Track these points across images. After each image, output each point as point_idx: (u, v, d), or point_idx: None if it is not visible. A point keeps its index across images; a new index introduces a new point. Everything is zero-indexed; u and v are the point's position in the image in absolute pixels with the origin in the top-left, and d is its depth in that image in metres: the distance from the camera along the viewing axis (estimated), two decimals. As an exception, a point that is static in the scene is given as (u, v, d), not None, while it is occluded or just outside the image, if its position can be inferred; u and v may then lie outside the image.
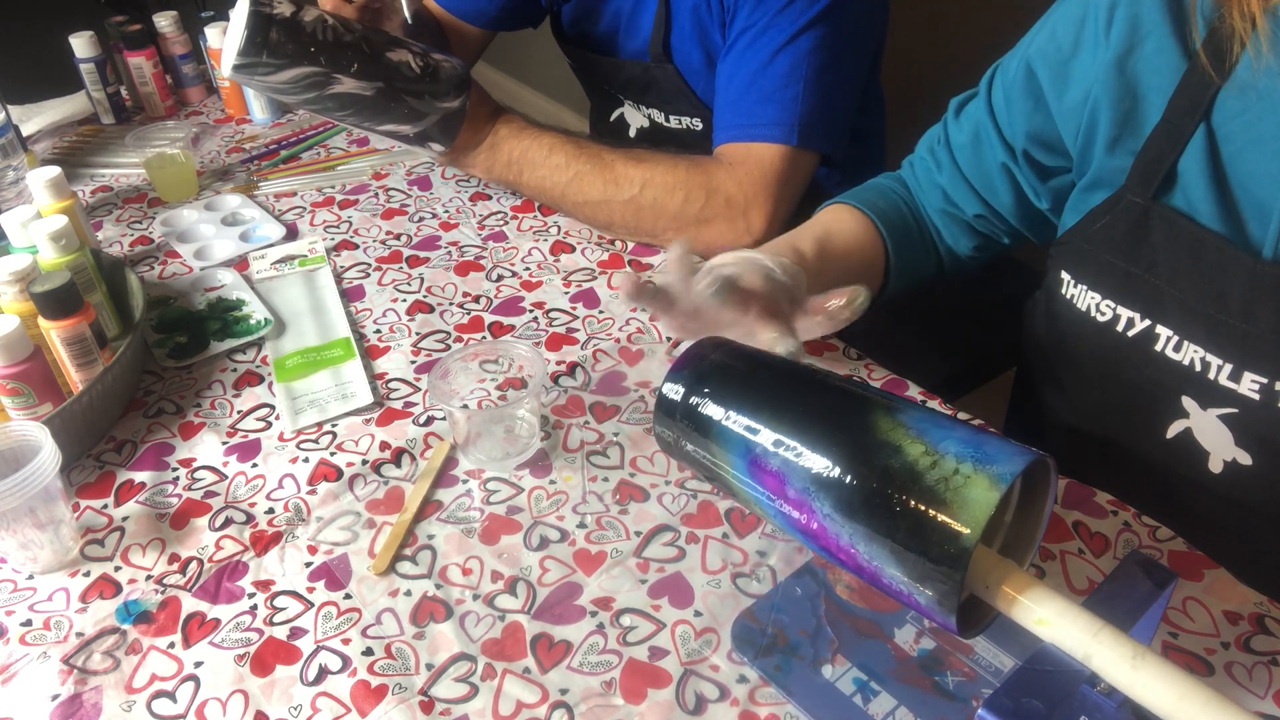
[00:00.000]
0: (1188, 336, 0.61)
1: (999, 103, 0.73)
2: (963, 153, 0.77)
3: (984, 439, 0.45)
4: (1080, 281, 0.67)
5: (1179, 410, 0.64)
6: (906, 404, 0.49)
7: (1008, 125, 0.72)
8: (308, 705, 0.55)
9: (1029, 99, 0.69)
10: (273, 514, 0.68)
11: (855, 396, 0.50)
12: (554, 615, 0.60)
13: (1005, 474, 0.42)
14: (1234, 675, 0.54)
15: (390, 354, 0.84)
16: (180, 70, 1.32)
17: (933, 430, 0.45)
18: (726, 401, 0.53)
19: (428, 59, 0.92)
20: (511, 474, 0.70)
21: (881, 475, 0.45)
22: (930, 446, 0.44)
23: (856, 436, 0.47)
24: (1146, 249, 0.62)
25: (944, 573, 0.42)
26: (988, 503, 0.41)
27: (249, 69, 0.86)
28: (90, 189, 1.14)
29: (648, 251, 0.96)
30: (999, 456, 0.43)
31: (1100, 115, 0.64)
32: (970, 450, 0.43)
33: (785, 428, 0.49)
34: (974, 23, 1.62)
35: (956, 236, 0.81)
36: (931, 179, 0.80)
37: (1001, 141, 0.73)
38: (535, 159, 0.97)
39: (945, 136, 0.79)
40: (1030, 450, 0.44)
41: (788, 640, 0.57)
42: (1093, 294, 0.66)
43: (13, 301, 0.75)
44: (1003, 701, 0.39)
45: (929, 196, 0.81)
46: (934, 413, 0.48)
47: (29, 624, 0.61)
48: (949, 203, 0.79)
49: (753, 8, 0.91)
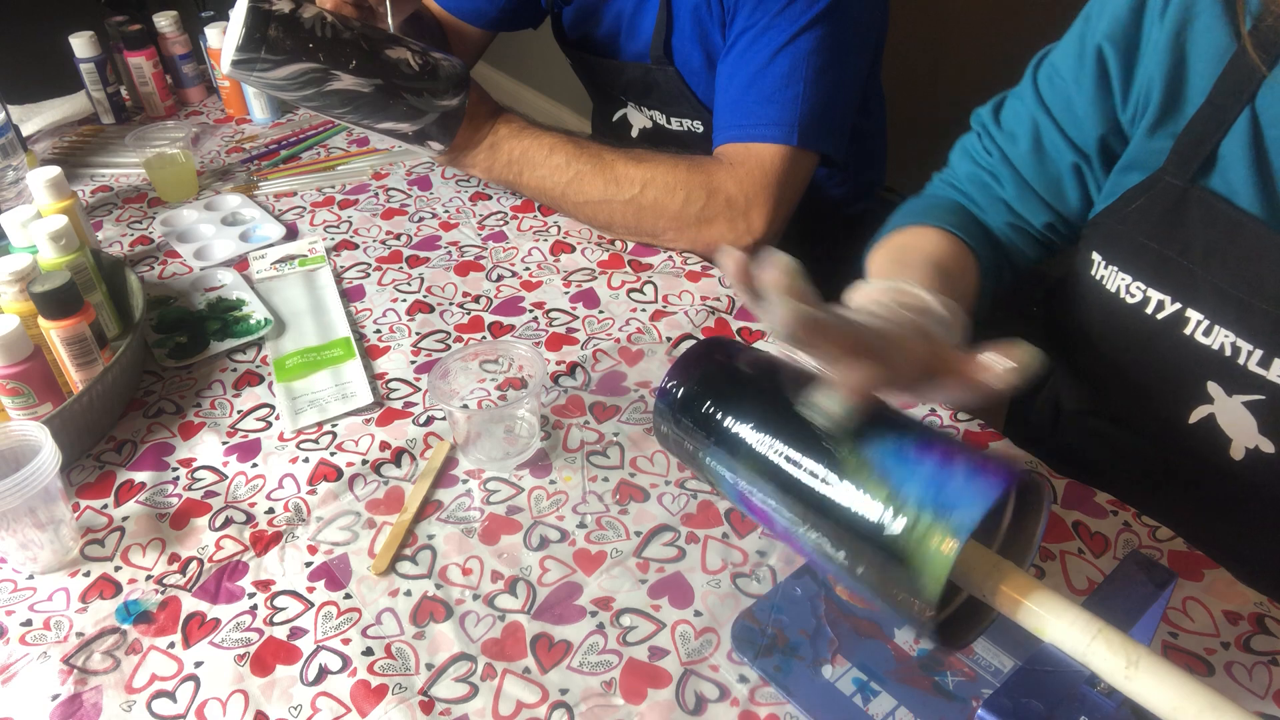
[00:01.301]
0: (1219, 321, 0.61)
1: (1057, 103, 0.69)
2: (1025, 162, 0.72)
3: (949, 475, 0.42)
4: (1111, 263, 0.66)
5: (1203, 396, 0.64)
6: (883, 425, 0.46)
7: (1073, 124, 0.68)
8: (308, 705, 0.55)
9: (1099, 89, 0.66)
10: (273, 514, 0.68)
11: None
12: (554, 615, 0.60)
13: (963, 525, 0.41)
14: (1234, 675, 0.54)
15: (390, 354, 0.84)
16: (180, 70, 1.32)
17: (897, 469, 0.44)
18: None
19: (427, 57, 0.92)
20: (511, 474, 0.70)
21: (849, 521, 0.44)
22: (893, 491, 0.43)
23: (829, 476, 0.46)
24: (1181, 231, 0.61)
25: (915, 618, 0.43)
26: (944, 562, 0.41)
27: (248, 65, 0.86)
28: (90, 189, 1.14)
29: (648, 251, 0.96)
30: (960, 500, 0.41)
31: (1153, 96, 0.62)
32: (931, 494, 0.42)
33: (769, 449, 0.48)
34: (974, 22, 1.62)
35: (1022, 251, 0.76)
36: (992, 194, 0.75)
37: (1068, 143, 0.69)
38: (535, 159, 0.97)
39: (999, 149, 0.74)
40: (1000, 479, 0.42)
41: (787, 640, 0.57)
42: (1123, 275, 0.65)
43: (13, 301, 0.75)
44: (1002, 702, 0.39)
45: (993, 213, 0.76)
46: (904, 438, 0.45)
47: (29, 624, 0.61)
48: (1016, 216, 0.75)
49: (753, 8, 0.91)
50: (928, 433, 0.46)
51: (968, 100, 0.82)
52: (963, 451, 0.43)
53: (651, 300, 0.89)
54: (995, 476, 0.42)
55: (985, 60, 1.64)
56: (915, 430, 0.46)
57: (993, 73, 1.63)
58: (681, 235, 0.93)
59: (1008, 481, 0.41)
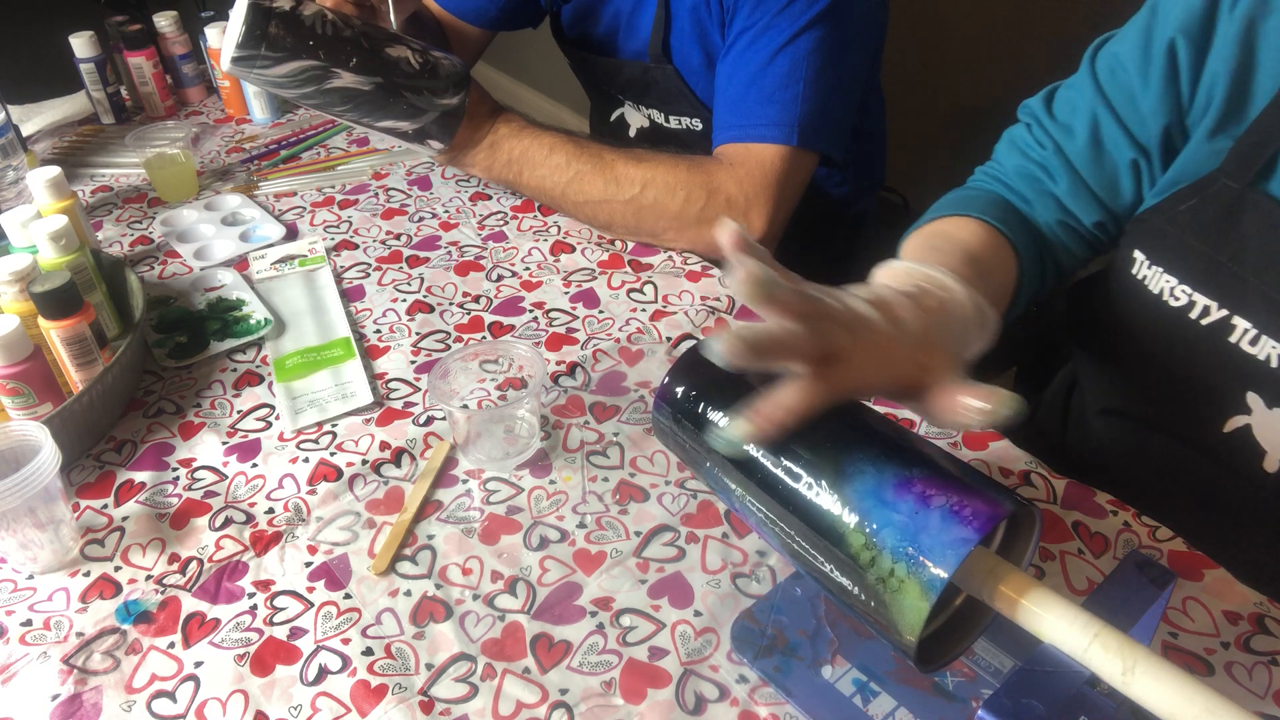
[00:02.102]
0: (1268, 331, 0.59)
1: (1119, 96, 0.66)
2: (1082, 157, 0.69)
3: (924, 521, 0.42)
4: (1156, 263, 0.63)
5: (1241, 406, 0.62)
6: (866, 457, 0.45)
7: (1136, 120, 0.65)
8: (308, 705, 0.55)
9: (1167, 83, 0.63)
10: (273, 514, 0.68)
11: (823, 447, 0.47)
12: (554, 615, 0.60)
13: (936, 580, 0.41)
14: (1234, 675, 0.54)
15: (390, 354, 0.84)
16: (180, 70, 1.32)
17: (875, 511, 0.43)
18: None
19: (427, 56, 0.92)
20: (511, 474, 0.70)
21: (834, 562, 0.45)
22: (869, 538, 0.43)
23: (811, 514, 0.46)
24: (1235, 236, 0.59)
25: (899, 648, 0.43)
26: (919, 612, 0.41)
27: (248, 62, 0.86)
28: (90, 189, 1.14)
29: (648, 251, 0.96)
30: (934, 549, 0.41)
31: (1216, 93, 0.60)
32: (907, 542, 0.42)
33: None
34: (973, 23, 1.62)
35: (1069, 249, 0.73)
36: (1041, 189, 0.72)
37: (1129, 139, 0.66)
38: (535, 158, 0.97)
39: (1053, 142, 0.71)
40: (974, 527, 0.41)
41: (787, 641, 0.57)
42: (1169, 277, 0.62)
43: (13, 301, 0.75)
44: (1003, 702, 0.39)
45: (1042, 209, 0.72)
46: (883, 472, 0.44)
47: (29, 624, 0.61)
48: (1066, 213, 0.71)
49: (752, 8, 0.91)
50: (910, 460, 0.44)
51: (968, 100, 0.81)
52: (942, 488, 0.42)
53: (651, 300, 0.89)
54: (970, 525, 0.41)
55: (985, 60, 1.65)
56: (898, 459, 0.44)
57: (992, 73, 1.64)
58: (682, 235, 0.93)
59: (982, 529, 0.41)
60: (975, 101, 1.63)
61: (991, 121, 0.79)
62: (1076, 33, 1.47)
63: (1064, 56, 1.56)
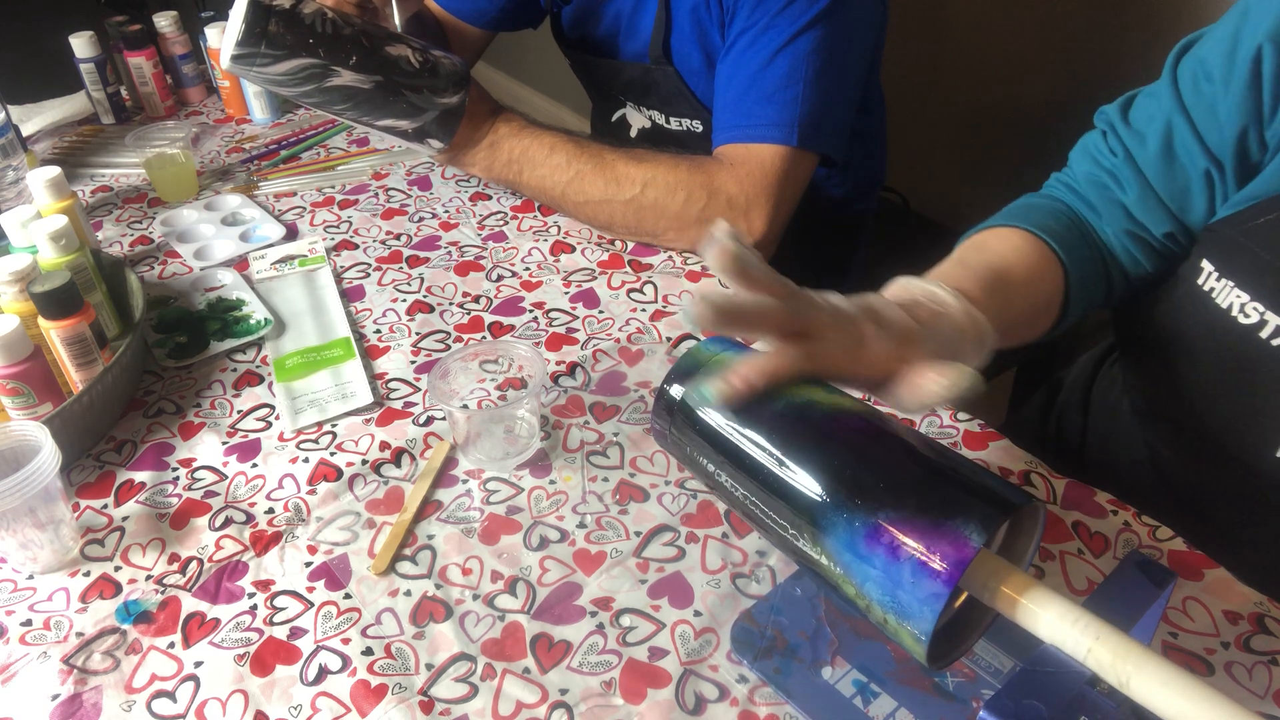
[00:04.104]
0: None
1: (1198, 104, 0.63)
2: (1153, 166, 0.66)
3: (898, 574, 0.42)
4: (1226, 276, 0.60)
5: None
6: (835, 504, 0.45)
7: (1213, 129, 0.62)
8: (308, 705, 0.55)
9: (1249, 91, 0.59)
10: (273, 514, 0.68)
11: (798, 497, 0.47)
12: (554, 615, 0.60)
13: (922, 633, 0.42)
14: (1234, 675, 0.54)
15: (390, 354, 0.84)
16: (180, 70, 1.32)
17: (854, 567, 0.44)
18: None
19: (427, 55, 0.92)
20: (511, 474, 0.70)
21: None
22: (858, 590, 0.44)
23: (809, 563, 0.47)
24: None
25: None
26: (918, 652, 0.43)
27: (247, 60, 0.86)
28: (90, 189, 1.14)
29: (648, 252, 0.96)
30: (911, 606, 0.42)
31: None
32: (888, 597, 0.43)
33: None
34: (974, 23, 1.62)
35: (1137, 260, 0.70)
36: (1110, 197, 0.69)
37: (1203, 149, 0.63)
38: (535, 158, 0.97)
39: (1124, 149, 0.68)
40: (944, 581, 0.41)
41: (787, 643, 0.57)
42: (1240, 292, 0.59)
43: (13, 301, 0.75)
44: (1004, 703, 0.39)
45: (1109, 218, 0.70)
46: (853, 525, 0.44)
47: (29, 624, 0.61)
48: (1134, 223, 0.68)
49: (752, 8, 0.91)
50: (877, 498, 0.44)
51: (968, 100, 0.80)
52: (910, 530, 0.42)
53: (651, 300, 0.89)
54: (938, 579, 0.41)
55: (985, 60, 1.65)
56: (867, 498, 0.44)
57: (992, 73, 1.64)
58: (682, 235, 0.93)
59: (951, 581, 0.41)
60: (975, 101, 1.63)
61: (992, 121, 0.79)
62: (1077, 32, 1.47)
63: (1065, 56, 1.56)
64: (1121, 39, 1.42)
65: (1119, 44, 1.43)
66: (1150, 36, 1.38)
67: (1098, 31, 1.45)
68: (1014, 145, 1.60)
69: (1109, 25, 1.43)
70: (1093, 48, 1.46)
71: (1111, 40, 1.43)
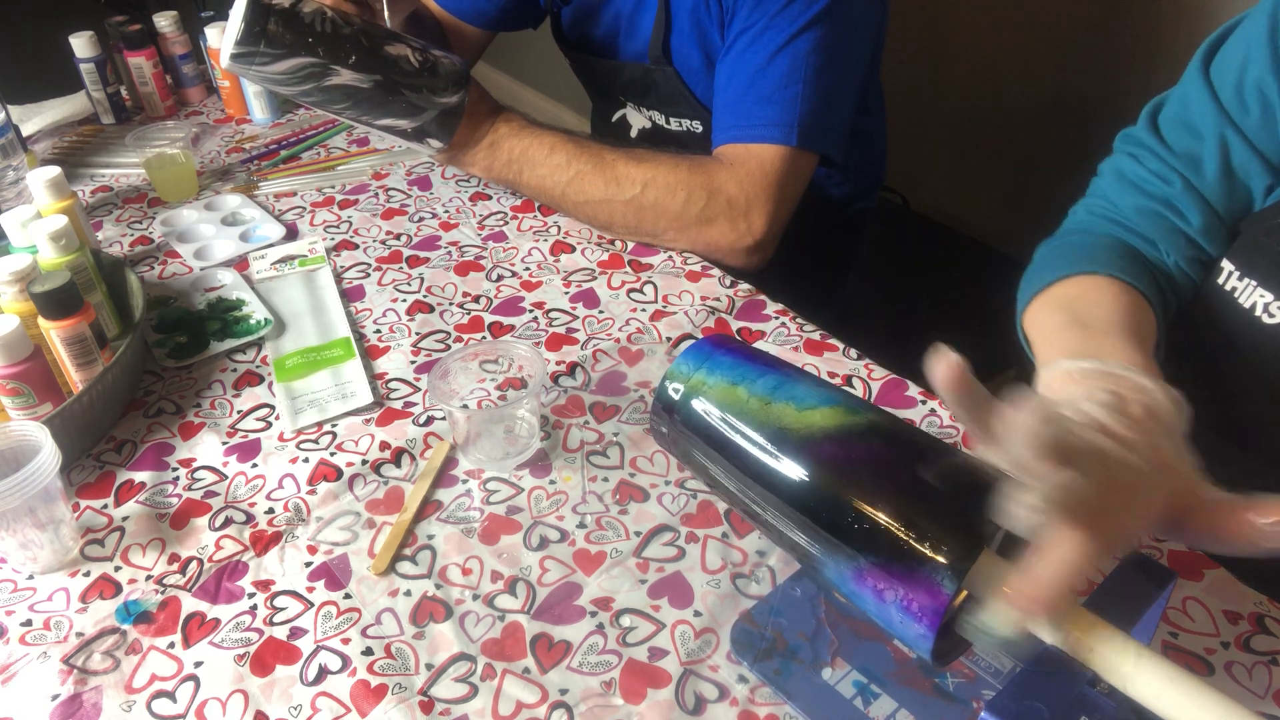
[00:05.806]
0: None
1: (1245, 118, 0.61)
2: (1215, 190, 0.64)
3: (888, 615, 0.44)
4: (1248, 276, 0.59)
5: None
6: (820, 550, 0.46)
7: (1268, 142, 0.60)
8: (307, 705, 0.55)
9: None
10: (273, 514, 0.68)
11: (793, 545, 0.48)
12: (554, 615, 0.60)
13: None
14: (1234, 675, 0.54)
15: (390, 354, 0.84)
16: (180, 70, 1.32)
17: (855, 596, 0.45)
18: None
19: (426, 54, 0.92)
20: (511, 474, 0.70)
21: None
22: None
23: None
24: None
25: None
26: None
27: (247, 59, 0.86)
28: (90, 189, 1.14)
29: (648, 252, 0.96)
30: (908, 639, 0.44)
31: None
32: (884, 621, 0.45)
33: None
34: (974, 22, 1.62)
35: (1194, 282, 0.68)
36: (1168, 227, 0.67)
37: (1264, 164, 0.61)
38: (535, 158, 0.97)
39: (1180, 178, 0.65)
40: (928, 625, 0.41)
41: (787, 644, 0.56)
42: (1262, 292, 0.58)
43: (13, 301, 0.75)
44: (1006, 703, 0.39)
45: (1170, 248, 0.67)
46: (840, 567, 0.45)
47: (29, 624, 0.61)
48: (1197, 248, 0.66)
49: (751, 8, 0.91)
50: (854, 542, 0.45)
51: (968, 100, 0.80)
52: (887, 577, 0.43)
53: (651, 300, 0.89)
54: (922, 622, 0.42)
55: (985, 60, 1.65)
56: (843, 543, 0.45)
57: (993, 73, 1.63)
58: (682, 235, 0.93)
59: (934, 625, 0.42)
60: (975, 101, 1.63)
61: (992, 121, 0.78)
62: (1077, 32, 1.47)
63: (1065, 56, 1.56)
64: (1122, 39, 1.42)
65: (1119, 44, 1.43)
66: (1151, 36, 1.38)
67: (1101, 32, 1.45)
68: (1014, 145, 1.60)
69: (1109, 25, 1.43)
70: (1093, 48, 1.46)
71: (1112, 40, 1.43)
